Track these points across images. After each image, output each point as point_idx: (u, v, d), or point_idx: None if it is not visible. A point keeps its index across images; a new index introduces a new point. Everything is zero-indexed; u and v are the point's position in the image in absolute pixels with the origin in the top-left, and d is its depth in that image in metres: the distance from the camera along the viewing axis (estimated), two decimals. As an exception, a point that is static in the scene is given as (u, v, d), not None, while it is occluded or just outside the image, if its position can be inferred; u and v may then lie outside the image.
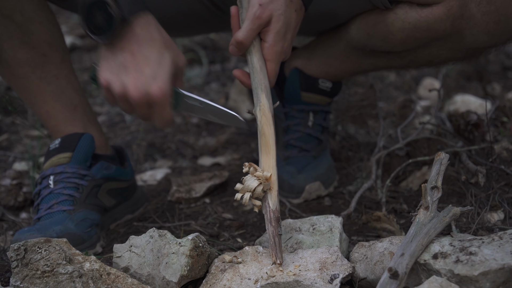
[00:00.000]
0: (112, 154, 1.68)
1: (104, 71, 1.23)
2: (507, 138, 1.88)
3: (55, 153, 1.56)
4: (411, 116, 2.06)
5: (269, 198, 1.28)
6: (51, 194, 1.52)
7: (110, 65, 1.23)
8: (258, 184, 1.27)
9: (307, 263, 1.24)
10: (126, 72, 1.21)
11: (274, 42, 1.32)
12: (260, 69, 1.33)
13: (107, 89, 1.24)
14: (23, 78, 1.57)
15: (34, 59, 1.55)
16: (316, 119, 1.76)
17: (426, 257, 1.16)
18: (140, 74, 1.21)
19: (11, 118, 2.50)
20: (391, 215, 1.49)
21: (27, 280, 1.20)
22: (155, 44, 1.24)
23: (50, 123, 1.63)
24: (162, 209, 1.74)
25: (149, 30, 1.24)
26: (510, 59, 3.11)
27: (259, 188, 1.27)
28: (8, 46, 1.52)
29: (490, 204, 1.54)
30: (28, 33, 1.51)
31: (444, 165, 1.33)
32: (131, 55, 1.22)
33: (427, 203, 1.25)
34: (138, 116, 1.27)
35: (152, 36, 1.24)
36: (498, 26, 1.43)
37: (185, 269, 1.24)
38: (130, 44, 1.23)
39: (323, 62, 1.74)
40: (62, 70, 1.60)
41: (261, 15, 1.30)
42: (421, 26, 1.45)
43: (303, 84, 1.73)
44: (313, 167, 1.73)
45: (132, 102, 1.22)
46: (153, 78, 1.21)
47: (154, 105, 1.23)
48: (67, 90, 1.61)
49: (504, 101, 2.42)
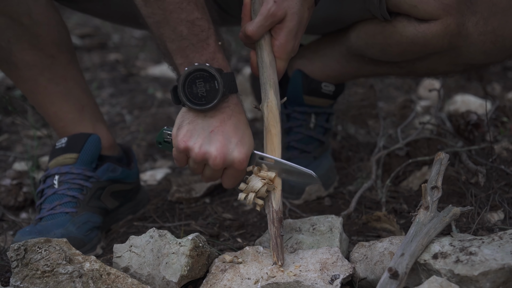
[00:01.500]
0: (119, 155, 1.68)
1: (186, 135, 1.30)
2: (507, 138, 1.88)
3: (61, 153, 1.55)
4: (411, 116, 2.06)
5: (273, 198, 1.28)
6: (55, 195, 1.52)
7: (195, 129, 1.30)
8: (263, 185, 1.27)
9: (308, 264, 1.24)
10: (212, 138, 1.29)
11: (286, 41, 1.32)
12: (269, 64, 1.32)
13: (184, 151, 1.30)
14: (31, 80, 1.57)
15: (42, 61, 1.55)
16: (318, 120, 1.76)
17: (426, 257, 1.16)
18: (228, 141, 1.29)
19: (11, 118, 2.50)
20: (391, 215, 1.49)
21: (27, 280, 1.20)
22: (242, 117, 1.33)
23: (59, 124, 1.63)
24: (162, 209, 1.74)
25: (238, 105, 1.34)
26: (510, 59, 3.11)
27: (263, 189, 1.27)
28: (16, 49, 1.52)
29: (490, 204, 1.54)
30: (37, 35, 1.51)
31: (444, 165, 1.33)
32: (221, 123, 1.30)
33: (427, 203, 1.25)
34: (205, 176, 1.34)
35: (240, 110, 1.34)
36: (494, 46, 1.44)
37: (185, 269, 1.24)
38: (222, 114, 1.31)
39: (325, 65, 1.74)
40: (69, 71, 1.60)
41: (276, 12, 1.29)
42: (418, 41, 1.45)
43: (305, 87, 1.72)
44: (313, 168, 1.71)
45: (211, 165, 1.29)
46: (238, 145, 1.29)
47: (231, 169, 1.31)
48: (74, 90, 1.61)
49: (504, 101, 2.42)
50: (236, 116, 1.32)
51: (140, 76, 3.16)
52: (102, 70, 3.17)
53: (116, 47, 3.67)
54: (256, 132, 2.29)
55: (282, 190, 1.69)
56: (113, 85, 2.96)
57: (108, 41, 3.76)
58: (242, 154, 1.28)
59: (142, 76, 3.16)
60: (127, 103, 2.75)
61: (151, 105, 2.71)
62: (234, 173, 1.32)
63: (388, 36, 1.50)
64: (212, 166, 1.29)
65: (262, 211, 1.32)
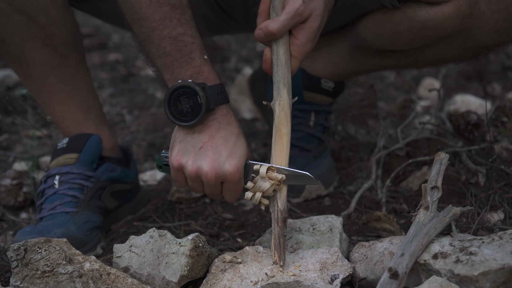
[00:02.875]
0: (119, 157, 1.69)
1: (178, 154, 1.30)
2: (507, 138, 1.88)
3: (62, 153, 1.56)
4: (411, 116, 2.06)
5: (278, 198, 1.28)
6: (55, 195, 1.52)
7: (185, 147, 1.30)
8: (271, 186, 1.27)
9: (308, 264, 1.24)
10: (202, 154, 1.28)
11: (306, 42, 1.31)
12: (285, 63, 1.31)
13: (179, 170, 1.30)
14: (41, 79, 1.58)
15: (54, 60, 1.56)
16: (318, 119, 1.77)
17: (426, 257, 1.15)
18: (218, 155, 1.28)
19: (11, 118, 2.50)
20: (391, 215, 1.49)
21: (27, 280, 1.20)
22: (232, 128, 1.31)
23: (63, 124, 1.64)
24: (162, 209, 1.74)
25: (227, 116, 1.32)
26: (510, 59, 3.11)
27: (270, 189, 1.27)
28: (29, 46, 1.53)
29: (490, 204, 1.53)
30: (51, 34, 1.52)
31: (444, 165, 1.33)
32: (209, 138, 1.29)
33: (427, 203, 1.25)
34: (207, 193, 1.34)
35: (229, 121, 1.32)
36: (508, 24, 1.43)
37: (185, 269, 1.24)
38: (209, 129, 1.30)
39: (328, 62, 1.74)
40: (79, 72, 1.61)
41: (303, 12, 1.29)
42: (430, 24, 1.44)
43: (306, 83, 1.73)
44: (313, 167, 1.73)
45: (205, 181, 1.29)
46: (228, 158, 1.27)
47: (226, 183, 1.29)
48: (82, 91, 1.62)
49: (504, 101, 2.42)
50: (225, 128, 1.30)
51: (140, 76, 3.17)
52: (102, 70, 3.18)
53: (116, 47, 3.67)
54: (257, 132, 2.29)
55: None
56: (113, 85, 2.96)
57: (108, 41, 3.76)
58: (233, 166, 1.27)
59: (142, 76, 3.16)
60: (127, 103, 2.75)
61: (151, 105, 2.71)
62: (230, 186, 1.31)
63: (398, 23, 1.49)
64: (206, 181, 1.28)
65: (264, 211, 1.32)
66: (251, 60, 3.00)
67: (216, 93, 1.30)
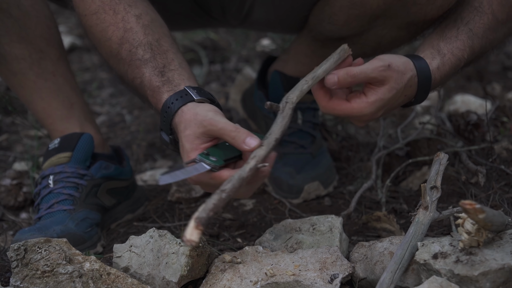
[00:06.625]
0: (110, 153, 1.69)
1: None
2: (507, 138, 1.87)
3: (55, 153, 1.56)
4: (411, 116, 2.06)
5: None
6: (51, 194, 1.52)
7: None
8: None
9: (307, 263, 1.24)
10: None
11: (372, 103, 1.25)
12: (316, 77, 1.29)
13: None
14: (20, 75, 1.57)
15: (31, 54, 1.55)
16: (305, 116, 1.78)
17: (426, 257, 1.15)
18: None
19: (11, 118, 2.50)
20: (391, 215, 1.49)
21: (27, 280, 1.20)
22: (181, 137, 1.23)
23: (47, 121, 1.63)
24: (162, 209, 1.74)
25: (179, 125, 1.23)
26: (510, 59, 3.11)
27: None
28: (5, 41, 1.52)
29: (490, 204, 1.53)
30: (25, 27, 1.52)
31: (443, 165, 1.33)
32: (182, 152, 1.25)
33: (426, 203, 1.25)
34: None
35: (180, 129, 1.23)
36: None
37: (185, 269, 1.24)
38: (180, 144, 1.24)
39: (296, 61, 1.76)
40: (59, 67, 1.60)
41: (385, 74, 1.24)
42: (355, 1, 1.45)
43: (285, 84, 1.74)
44: (312, 167, 1.73)
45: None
46: None
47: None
48: (64, 87, 1.61)
49: (504, 101, 2.41)
50: (180, 140, 1.25)
51: (140, 76, 3.16)
52: (102, 70, 3.17)
53: (116, 47, 3.66)
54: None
55: (281, 190, 1.71)
56: (113, 85, 2.95)
57: (108, 41, 3.75)
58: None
59: (142, 76, 3.15)
60: (127, 103, 2.74)
61: (151, 105, 2.70)
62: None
63: (332, 3, 1.50)
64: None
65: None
66: (251, 60, 3.00)
67: (163, 112, 1.25)
